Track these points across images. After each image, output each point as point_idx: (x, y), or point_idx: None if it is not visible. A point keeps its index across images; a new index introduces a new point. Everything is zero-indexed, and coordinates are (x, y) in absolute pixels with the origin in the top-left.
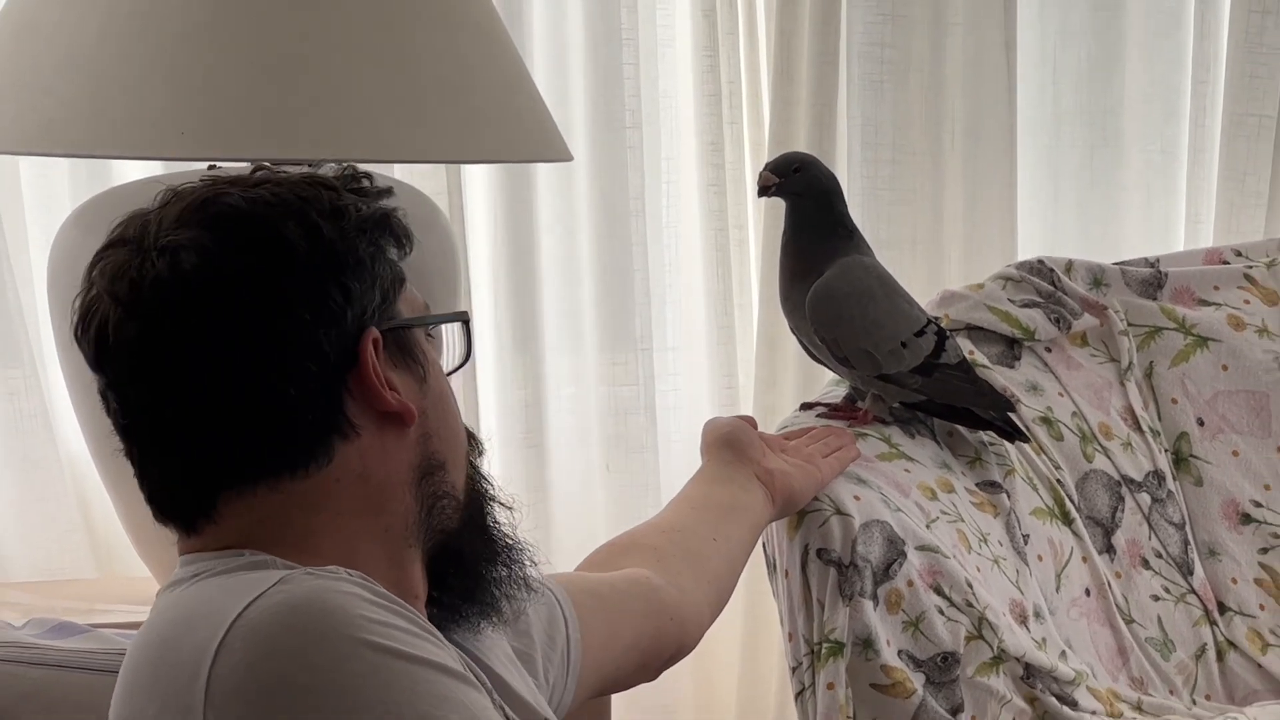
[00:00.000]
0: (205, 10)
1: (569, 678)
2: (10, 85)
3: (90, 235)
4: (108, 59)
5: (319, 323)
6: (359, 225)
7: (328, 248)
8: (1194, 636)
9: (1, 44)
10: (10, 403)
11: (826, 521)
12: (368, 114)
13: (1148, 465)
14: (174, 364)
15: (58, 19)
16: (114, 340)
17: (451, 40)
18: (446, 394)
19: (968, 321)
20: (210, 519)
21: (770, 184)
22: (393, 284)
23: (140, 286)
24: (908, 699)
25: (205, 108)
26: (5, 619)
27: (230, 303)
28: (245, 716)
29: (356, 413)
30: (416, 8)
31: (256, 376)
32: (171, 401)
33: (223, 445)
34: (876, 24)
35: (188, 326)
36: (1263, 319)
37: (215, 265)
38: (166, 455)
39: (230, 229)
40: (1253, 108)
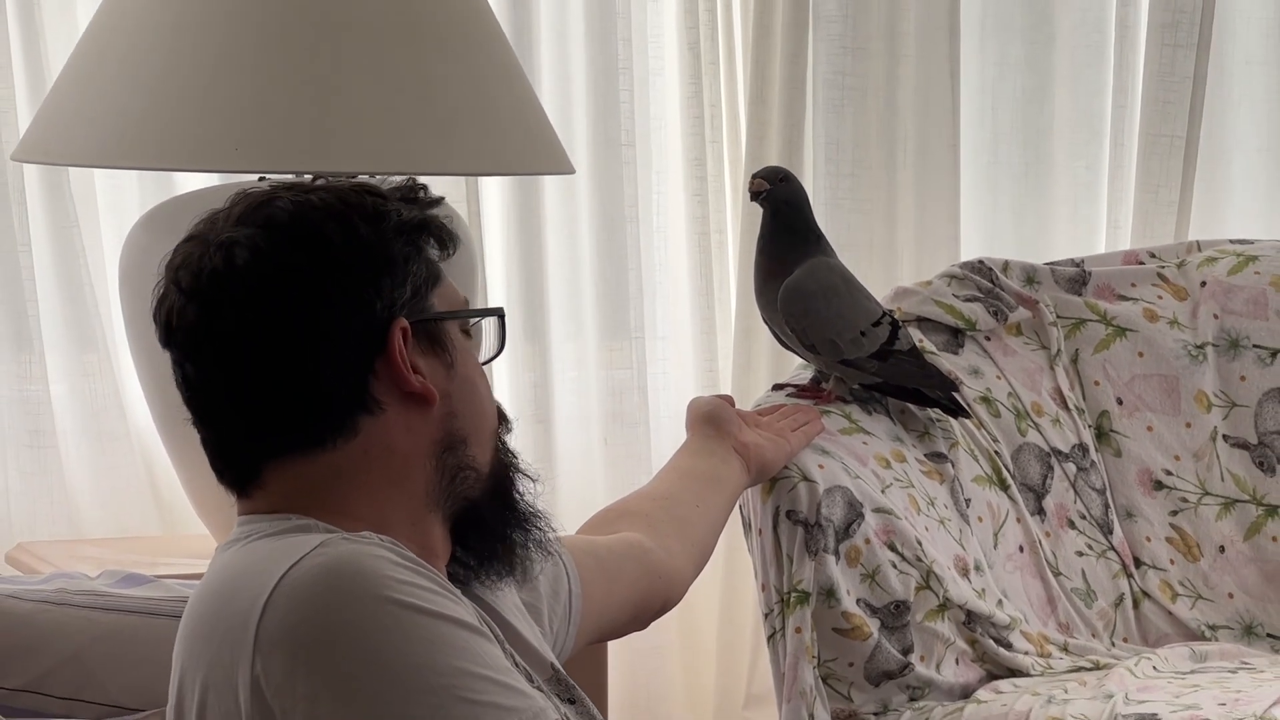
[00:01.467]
0: (256, 42)
1: (570, 627)
2: (87, 107)
3: (156, 237)
4: (171, 84)
5: (350, 313)
6: (397, 228)
7: (363, 247)
8: (1113, 587)
9: (79, 71)
10: (87, 383)
11: (795, 487)
12: (397, 132)
13: (1074, 439)
14: (224, 345)
15: (127, 49)
16: (177, 323)
17: (470, 70)
18: (475, 379)
19: (918, 314)
20: (258, 484)
21: (762, 190)
22: (426, 281)
23: (200, 276)
24: (865, 641)
25: (256, 126)
26: (82, 570)
27: (273, 293)
28: (288, 661)
29: (383, 393)
30: (441, 42)
31: (293, 359)
32: (222, 378)
33: (265, 419)
34: (838, 55)
35: (237, 312)
36: (1174, 312)
37: (263, 260)
38: (219, 427)
39: (279, 228)
40: (1165, 129)
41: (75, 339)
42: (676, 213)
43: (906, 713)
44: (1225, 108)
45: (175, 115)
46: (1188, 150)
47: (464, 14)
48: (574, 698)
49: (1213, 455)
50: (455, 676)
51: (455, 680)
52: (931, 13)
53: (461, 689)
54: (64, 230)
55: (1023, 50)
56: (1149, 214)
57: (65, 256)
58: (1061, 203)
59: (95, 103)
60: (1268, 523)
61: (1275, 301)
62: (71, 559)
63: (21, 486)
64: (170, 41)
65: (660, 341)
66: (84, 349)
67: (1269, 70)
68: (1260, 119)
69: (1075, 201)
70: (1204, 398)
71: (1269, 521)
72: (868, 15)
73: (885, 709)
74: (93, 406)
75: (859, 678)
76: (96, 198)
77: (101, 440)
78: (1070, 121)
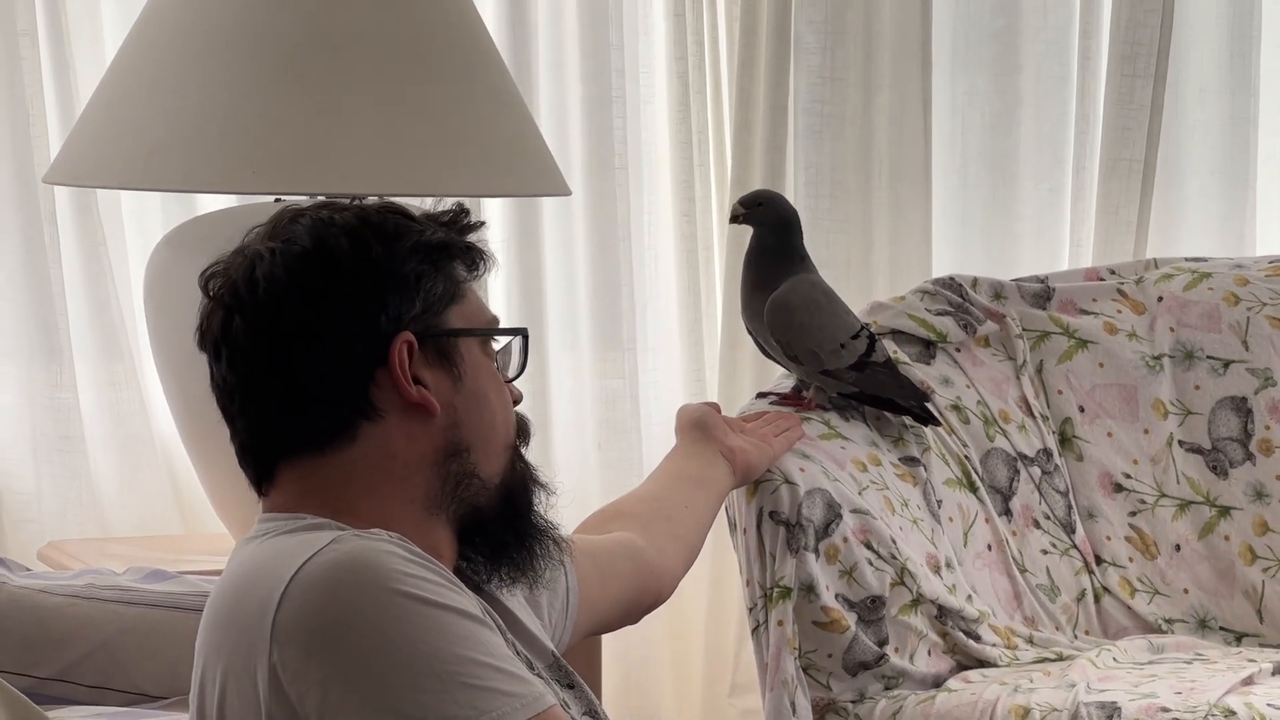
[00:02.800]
0: (271, 72)
1: (567, 621)
2: (113, 133)
3: (178, 254)
4: (191, 112)
5: (352, 324)
6: (414, 247)
7: (371, 264)
8: (1075, 583)
9: (107, 99)
10: (113, 390)
11: (777, 489)
12: (405, 157)
13: (1038, 444)
14: (240, 349)
15: (151, 79)
16: (206, 326)
17: (473, 98)
18: (487, 393)
19: (892, 327)
20: (273, 482)
21: (739, 214)
22: (442, 298)
23: (226, 285)
24: (843, 634)
25: (270, 151)
26: (109, 566)
27: (282, 303)
28: (302, 650)
29: (383, 401)
30: (445, 73)
31: (298, 364)
32: (239, 380)
33: (275, 420)
34: (818, 85)
35: (251, 318)
36: (1132, 325)
37: (277, 272)
38: (239, 425)
39: (296, 244)
40: (1124, 154)
41: (102, 350)
42: (666, 232)
43: (882, 701)
44: (1181, 134)
45: (196, 140)
46: (1145, 173)
47: (467, 47)
48: (572, 683)
49: (1169, 460)
50: (459, 663)
51: (459, 667)
52: (905, 46)
53: (465, 675)
54: (92, 248)
55: (991, 80)
56: (1109, 233)
57: (93, 272)
58: (1027, 223)
59: (121, 129)
60: (1220, 523)
61: (1228, 316)
62: (99, 556)
63: (52, 488)
64: (191, 72)
65: (651, 353)
66: (111, 359)
67: (1221, 98)
68: (1213, 144)
69: (1040, 221)
70: (1161, 406)
71: (1221, 522)
72: (845, 48)
73: (862, 697)
74: (119, 413)
75: (837, 668)
76: (123, 217)
77: (127, 444)
78: (1035, 147)
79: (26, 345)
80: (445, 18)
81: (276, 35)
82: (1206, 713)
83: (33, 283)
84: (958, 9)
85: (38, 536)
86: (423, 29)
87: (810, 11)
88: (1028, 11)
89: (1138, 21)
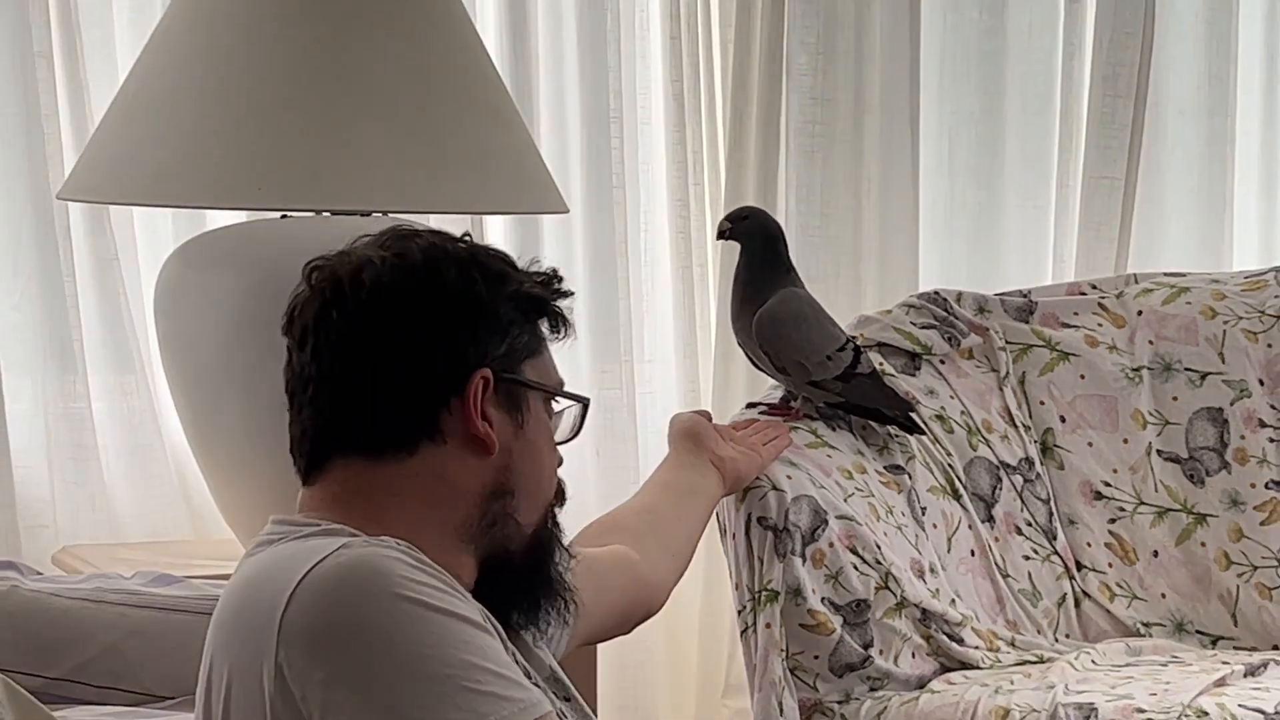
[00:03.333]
0: (277, 93)
1: (564, 632)
2: (126, 151)
3: (187, 268)
4: (201, 130)
5: (441, 348)
6: (513, 295)
7: (472, 297)
8: (1056, 588)
9: (119, 118)
10: (125, 401)
11: (765, 496)
12: (408, 175)
13: (1020, 453)
14: (329, 343)
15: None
16: (298, 313)
17: (476, 119)
18: (541, 448)
19: (879, 339)
20: (322, 472)
21: (724, 230)
22: (524, 348)
23: (329, 279)
24: (829, 636)
25: (277, 168)
26: (118, 571)
27: (382, 310)
28: (308, 651)
29: (450, 427)
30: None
31: (381, 372)
32: (319, 372)
33: (345, 416)
34: (810, 106)
35: (347, 317)
36: (1113, 338)
37: (384, 280)
38: (306, 413)
39: (408, 259)
40: (1106, 172)
41: (115, 361)
42: (662, 248)
43: (867, 702)
44: (1160, 153)
45: (205, 158)
46: (1126, 191)
47: (469, 70)
48: (569, 696)
49: (1147, 468)
50: (459, 667)
51: (459, 670)
52: (894, 67)
53: (465, 679)
54: (105, 262)
55: (977, 101)
56: (1091, 249)
57: (106, 286)
58: (1011, 238)
59: (133, 147)
60: (1197, 530)
61: (1205, 329)
62: (111, 561)
63: (66, 495)
64: (200, 93)
65: (647, 364)
66: (123, 370)
67: (1199, 119)
68: (1192, 163)
69: (1024, 237)
70: (1140, 416)
71: (1198, 529)
72: (836, 70)
73: (848, 698)
74: (130, 422)
75: (824, 669)
76: (134, 233)
77: (138, 453)
78: (1020, 165)
79: (42, 357)
80: (448, 41)
81: (282, 58)
82: (1180, 713)
83: (48, 296)
84: (945, 31)
85: (52, 542)
86: (426, 53)
87: (802, 34)
88: (1013, 34)
89: (1119, 44)
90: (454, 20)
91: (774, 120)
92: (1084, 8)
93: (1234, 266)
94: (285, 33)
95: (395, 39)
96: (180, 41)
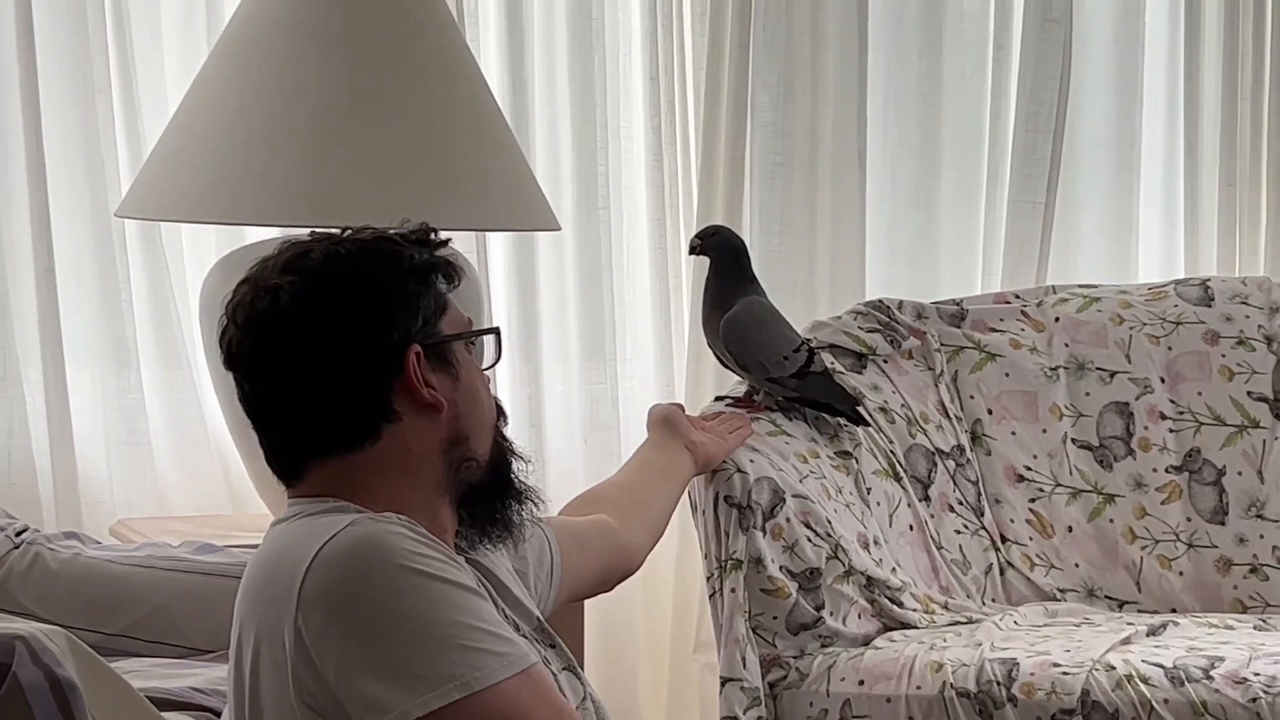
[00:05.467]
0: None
1: (551, 590)
2: (175, 174)
3: (228, 277)
4: (240, 156)
5: (371, 344)
6: (410, 270)
7: (381, 290)
8: (984, 558)
9: (170, 145)
10: (173, 394)
11: (731, 477)
12: (420, 197)
13: (953, 441)
14: (271, 370)
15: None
16: (235, 351)
17: (479, 147)
18: (476, 385)
19: (830, 342)
20: (300, 478)
21: (695, 246)
22: (435, 310)
23: (251, 314)
24: (786, 599)
25: (305, 190)
26: (166, 540)
27: (309, 329)
28: (323, 616)
29: (401, 404)
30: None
31: (328, 381)
32: (271, 396)
33: (306, 429)
34: (771, 138)
35: (280, 344)
36: (1034, 341)
37: (300, 302)
38: (271, 433)
39: (313, 275)
40: (1028, 197)
41: (165, 359)
42: (643, 262)
43: (819, 657)
44: (1076, 180)
45: (244, 181)
46: (1046, 214)
47: (475, 104)
48: (554, 643)
49: (1063, 455)
50: (456, 628)
51: (456, 631)
52: (844, 105)
53: (461, 638)
54: (156, 272)
55: (916, 135)
56: (1015, 264)
57: (157, 293)
58: (946, 255)
59: (181, 171)
60: (1106, 508)
61: (1114, 334)
62: (161, 532)
63: (122, 475)
64: (239, 124)
65: (629, 363)
66: (171, 367)
67: (1110, 151)
68: (1105, 190)
69: (957, 254)
70: (1057, 409)
71: (1107, 507)
72: (794, 107)
73: (802, 654)
74: (178, 412)
75: (781, 629)
76: (182, 246)
77: (185, 439)
78: (954, 191)
79: (100, 355)
80: (456, 79)
81: (310, 94)
82: (1091, 667)
83: (106, 302)
84: (889, 75)
85: (110, 515)
86: (436, 89)
87: (765, 75)
88: (948, 77)
89: (1040, 86)
90: (461, 61)
91: (740, 151)
92: (1010, 54)
93: (1139, 279)
94: (313, 71)
95: (409, 77)
96: (222, 79)
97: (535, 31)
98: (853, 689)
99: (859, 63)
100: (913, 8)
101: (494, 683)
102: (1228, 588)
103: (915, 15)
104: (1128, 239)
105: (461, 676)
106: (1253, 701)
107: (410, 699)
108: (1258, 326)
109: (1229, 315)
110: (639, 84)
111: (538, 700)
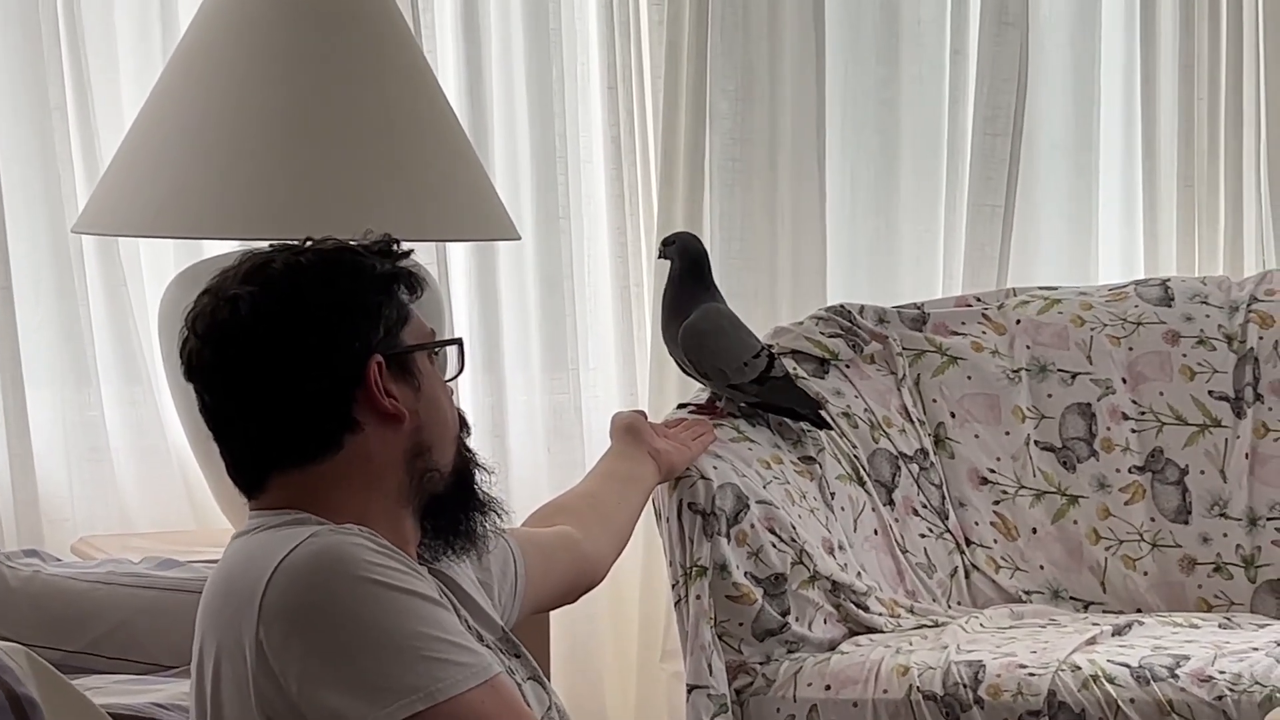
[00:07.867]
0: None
1: (515, 601)
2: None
3: (187, 292)
4: (198, 170)
5: (332, 353)
6: (371, 280)
7: (342, 300)
8: (949, 561)
9: (126, 160)
10: (133, 409)
11: (695, 484)
12: (379, 208)
13: (916, 445)
14: (232, 381)
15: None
16: (195, 362)
17: (438, 157)
18: (439, 396)
19: (792, 347)
20: (262, 490)
21: (660, 251)
22: (397, 320)
23: (212, 325)
24: (751, 605)
25: (265, 202)
26: (128, 556)
27: (269, 340)
28: (284, 628)
29: (362, 414)
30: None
31: (289, 391)
32: (232, 407)
33: (267, 439)
34: (730, 145)
35: (241, 355)
36: (995, 344)
37: (261, 313)
38: (232, 444)
39: (274, 286)
40: (987, 200)
41: (124, 375)
42: (603, 271)
43: (785, 662)
44: (1035, 183)
45: (202, 194)
46: (1005, 217)
47: (433, 116)
48: (519, 653)
49: (1026, 457)
50: (418, 639)
51: (418, 642)
52: (803, 111)
53: (424, 649)
54: (115, 287)
55: (876, 141)
56: (976, 267)
57: (116, 308)
58: (906, 259)
59: (138, 187)
60: (1070, 509)
61: (1074, 335)
62: (123, 549)
63: (83, 492)
64: (195, 139)
65: (591, 372)
66: (131, 382)
67: (1068, 154)
68: (1063, 193)
69: (918, 257)
70: (1019, 411)
71: (1071, 508)
72: (753, 113)
73: (768, 659)
74: (139, 428)
75: (747, 635)
76: (140, 261)
77: (146, 454)
78: (914, 195)
79: (60, 371)
80: (414, 92)
81: (266, 109)
82: (1057, 668)
83: (65, 318)
84: (847, 80)
85: (71, 533)
86: (395, 102)
87: (724, 82)
88: (906, 82)
89: (998, 89)
90: (419, 73)
91: (699, 158)
92: (966, 59)
93: (1099, 280)
94: (270, 83)
95: (367, 88)
96: (178, 92)
97: (492, 42)
98: (820, 694)
99: (817, 69)
100: (869, 13)
101: (457, 693)
102: (1192, 587)
103: (872, 21)
104: (1087, 240)
105: (424, 687)
106: (1218, 699)
107: (373, 710)
108: (1218, 326)
109: (1189, 315)
110: (597, 93)
111: (502, 710)
